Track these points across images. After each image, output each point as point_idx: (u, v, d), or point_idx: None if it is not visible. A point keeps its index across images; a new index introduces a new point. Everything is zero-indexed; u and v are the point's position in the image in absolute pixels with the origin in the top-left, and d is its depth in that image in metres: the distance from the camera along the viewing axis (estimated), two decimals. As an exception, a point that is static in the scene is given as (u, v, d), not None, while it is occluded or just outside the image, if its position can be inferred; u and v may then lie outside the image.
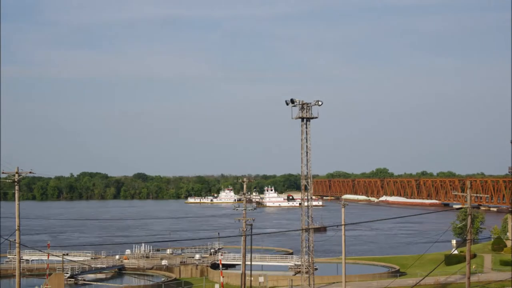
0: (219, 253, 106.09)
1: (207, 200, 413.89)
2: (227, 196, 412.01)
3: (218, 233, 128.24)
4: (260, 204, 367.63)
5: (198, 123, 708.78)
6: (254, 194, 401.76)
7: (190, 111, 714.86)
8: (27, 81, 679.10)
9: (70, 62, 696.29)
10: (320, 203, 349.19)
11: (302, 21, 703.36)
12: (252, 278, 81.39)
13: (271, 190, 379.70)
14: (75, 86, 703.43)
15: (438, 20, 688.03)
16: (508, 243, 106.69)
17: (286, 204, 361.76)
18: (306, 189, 70.57)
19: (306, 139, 70.00)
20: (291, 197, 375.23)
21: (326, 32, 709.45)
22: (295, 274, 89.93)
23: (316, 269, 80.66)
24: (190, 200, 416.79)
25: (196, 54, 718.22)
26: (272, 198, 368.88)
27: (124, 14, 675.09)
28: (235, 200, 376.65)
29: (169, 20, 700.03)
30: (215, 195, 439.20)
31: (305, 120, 69.88)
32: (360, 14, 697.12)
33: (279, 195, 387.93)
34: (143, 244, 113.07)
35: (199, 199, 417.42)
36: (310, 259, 71.52)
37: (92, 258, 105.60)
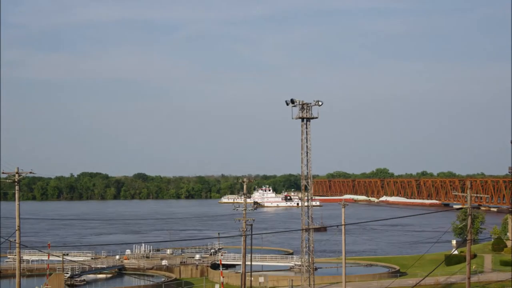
0: (219, 253, 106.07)
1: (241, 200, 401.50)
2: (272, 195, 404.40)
3: (218, 233, 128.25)
4: (258, 204, 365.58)
5: (198, 124, 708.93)
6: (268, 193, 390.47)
7: (190, 112, 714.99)
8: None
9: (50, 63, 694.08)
10: (318, 203, 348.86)
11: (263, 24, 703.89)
12: (252, 278, 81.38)
13: (269, 190, 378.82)
14: (74, 87, 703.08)
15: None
16: (508, 243, 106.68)
17: (284, 204, 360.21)
18: (306, 189, 70.57)
19: (306, 139, 70.02)
20: (289, 197, 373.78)
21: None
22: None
23: (316, 269, 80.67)
24: (224, 199, 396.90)
25: (184, 55, 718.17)
26: (270, 199, 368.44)
27: (76, 16, 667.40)
28: (281, 199, 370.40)
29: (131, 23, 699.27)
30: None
31: (305, 120, 69.89)
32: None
33: (277, 195, 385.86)
34: (143, 244, 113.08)
35: (232, 199, 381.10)
36: (310, 259, 71.53)
37: (92, 258, 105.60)
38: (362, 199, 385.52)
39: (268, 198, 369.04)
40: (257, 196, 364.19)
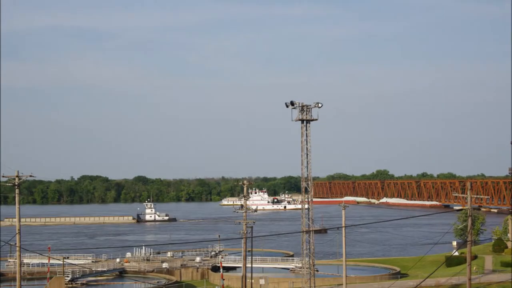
0: (220, 256, 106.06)
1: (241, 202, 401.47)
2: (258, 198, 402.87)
3: (219, 236, 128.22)
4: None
5: (198, 125, 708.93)
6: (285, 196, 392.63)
7: (190, 114, 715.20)
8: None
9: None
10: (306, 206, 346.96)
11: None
12: (253, 281, 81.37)
13: (255, 193, 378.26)
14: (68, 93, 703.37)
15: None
16: (509, 244, 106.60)
17: (270, 207, 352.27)
18: (306, 191, 70.55)
19: (306, 141, 69.98)
20: (276, 200, 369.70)
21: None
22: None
23: (317, 271, 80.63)
24: (224, 202, 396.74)
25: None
26: (256, 201, 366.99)
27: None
28: (268, 201, 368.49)
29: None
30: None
31: (305, 122, 69.88)
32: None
33: (273, 197, 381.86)
34: (143, 247, 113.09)
35: (232, 201, 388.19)
36: (311, 261, 71.50)
37: (92, 262, 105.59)
38: (362, 201, 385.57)
39: (254, 201, 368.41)
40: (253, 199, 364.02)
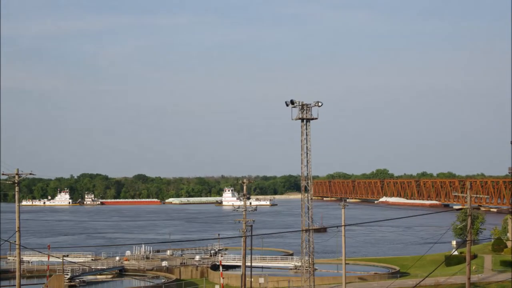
0: (219, 254, 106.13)
1: (40, 202, 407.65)
2: (61, 199, 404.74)
3: (218, 234, 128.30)
4: (219, 203, 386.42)
5: (198, 124, 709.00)
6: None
7: (190, 113, 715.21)
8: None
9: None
10: (268, 202, 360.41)
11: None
12: (252, 279, 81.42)
13: (228, 191, 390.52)
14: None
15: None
16: (509, 243, 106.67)
17: (238, 203, 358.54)
18: (306, 190, 70.56)
19: (306, 140, 69.96)
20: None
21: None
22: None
23: (316, 269, 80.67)
24: (24, 202, 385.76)
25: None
26: (227, 198, 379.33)
27: None
28: (69, 202, 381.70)
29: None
30: (49, 197, 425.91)
31: (305, 121, 69.88)
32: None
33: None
34: (143, 245, 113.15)
35: (31, 202, 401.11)
36: (310, 260, 71.51)
37: (92, 260, 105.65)
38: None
39: (226, 198, 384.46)
40: (225, 196, 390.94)
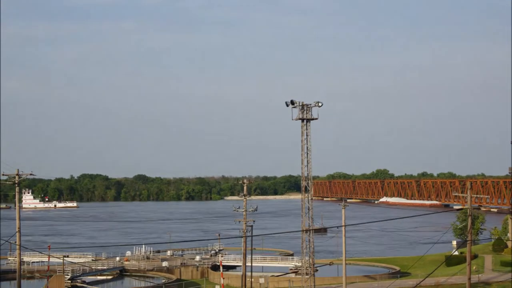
0: (220, 255, 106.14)
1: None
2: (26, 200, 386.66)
3: (219, 234, 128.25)
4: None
5: (198, 125, 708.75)
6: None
7: (190, 112, 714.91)
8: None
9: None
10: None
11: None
12: (252, 280, 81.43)
13: (29, 193, 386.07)
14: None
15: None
16: (509, 243, 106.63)
17: (41, 205, 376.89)
18: (306, 190, 70.56)
19: (307, 140, 69.99)
20: (47, 199, 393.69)
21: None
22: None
23: (316, 270, 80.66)
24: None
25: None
26: (28, 201, 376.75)
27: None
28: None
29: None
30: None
31: (305, 121, 69.90)
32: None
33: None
34: (143, 246, 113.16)
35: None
36: (311, 261, 71.52)
37: (92, 260, 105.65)
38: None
39: (26, 201, 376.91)
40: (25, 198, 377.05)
